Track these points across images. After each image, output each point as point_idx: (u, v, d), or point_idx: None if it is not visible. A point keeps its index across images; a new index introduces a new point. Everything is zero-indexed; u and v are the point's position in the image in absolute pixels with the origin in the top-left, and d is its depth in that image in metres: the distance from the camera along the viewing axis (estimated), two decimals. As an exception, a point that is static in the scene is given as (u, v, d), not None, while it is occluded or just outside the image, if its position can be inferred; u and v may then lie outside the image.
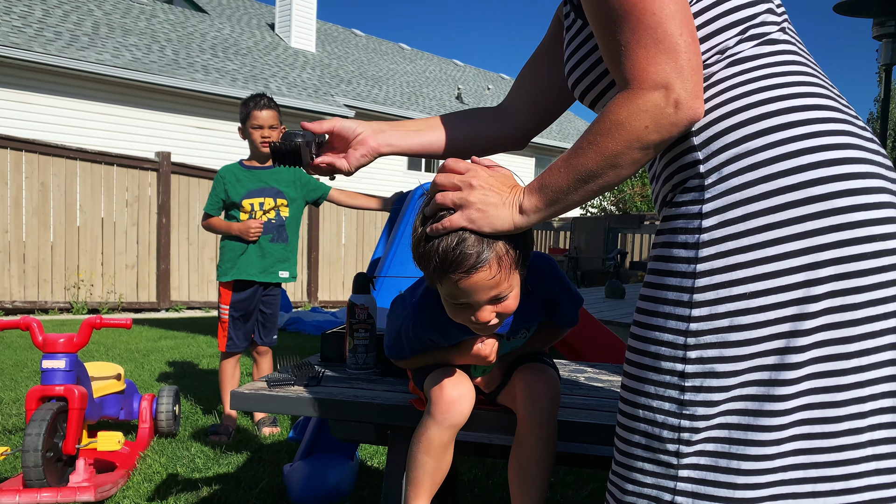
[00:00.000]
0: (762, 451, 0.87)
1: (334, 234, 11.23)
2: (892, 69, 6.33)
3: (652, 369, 0.93)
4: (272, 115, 3.38)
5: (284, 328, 7.38)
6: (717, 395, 0.88)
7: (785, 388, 0.86)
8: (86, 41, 11.42)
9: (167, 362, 5.29)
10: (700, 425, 0.89)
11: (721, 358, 0.88)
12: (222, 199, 3.42)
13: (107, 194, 8.98)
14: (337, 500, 2.52)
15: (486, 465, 2.97)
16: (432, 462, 1.33)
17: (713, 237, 0.88)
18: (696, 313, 0.89)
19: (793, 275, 0.85)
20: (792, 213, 0.85)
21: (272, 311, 3.55)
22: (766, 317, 0.86)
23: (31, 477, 2.33)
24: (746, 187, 0.87)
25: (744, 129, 0.89)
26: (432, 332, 1.29)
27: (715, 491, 0.89)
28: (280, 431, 3.47)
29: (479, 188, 1.02)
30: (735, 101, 0.91)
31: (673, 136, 0.89)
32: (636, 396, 0.96)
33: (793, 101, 0.89)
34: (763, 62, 0.93)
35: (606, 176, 0.92)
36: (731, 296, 0.87)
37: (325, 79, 15.30)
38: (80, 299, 8.69)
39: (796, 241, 0.85)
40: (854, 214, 0.85)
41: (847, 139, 0.88)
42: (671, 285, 0.92)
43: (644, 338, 0.95)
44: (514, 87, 1.36)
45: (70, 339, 2.60)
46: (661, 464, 0.93)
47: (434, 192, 1.06)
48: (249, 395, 1.58)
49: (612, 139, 0.89)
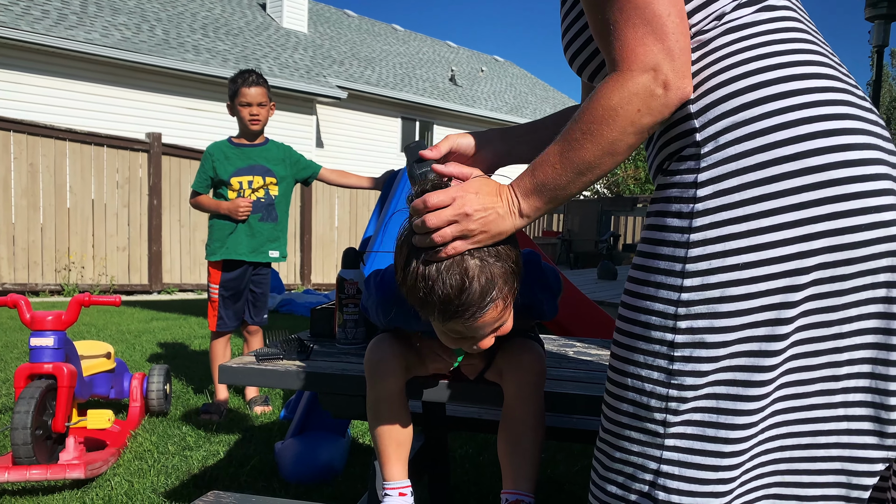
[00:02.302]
0: (749, 419, 0.88)
1: (327, 217, 11.19)
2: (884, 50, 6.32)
3: (642, 338, 0.93)
4: (260, 92, 3.35)
5: (277, 310, 7.37)
6: (706, 365, 0.88)
7: (772, 358, 0.87)
8: (74, 20, 11.28)
9: (158, 343, 5.28)
10: (688, 395, 0.89)
11: (711, 328, 0.87)
12: (210, 176, 3.39)
13: (97, 176, 8.92)
14: (328, 477, 2.52)
15: (478, 442, 2.98)
16: (384, 426, 1.35)
17: (707, 207, 0.87)
18: (688, 283, 0.88)
19: (785, 247, 0.85)
20: (786, 184, 0.84)
21: (262, 290, 3.54)
22: (758, 288, 0.86)
23: (20, 455, 2.32)
24: (742, 157, 0.86)
25: (740, 98, 0.88)
26: (396, 322, 1.33)
27: (701, 459, 0.90)
28: (272, 410, 3.47)
29: (474, 213, 0.99)
30: (732, 69, 0.89)
31: (665, 117, 0.90)
32: (625, 365, 0.95)
33: (791, 70, 0.88)
34: (761, 29, 0.91)
35: (604, 164, 0.92)
36: (722, 266, 0.86)
37: (317, 59, 15.18)
38: (70, 282, 8.65)
39: (790, 212, 0.84)
40: (848, 186, 0.84)
41: (844, 109, 0.87)
42: (664, 255, 0.91)
43: (635, 307, 0.95)
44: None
45: (58, 317, 2.58)
46: (649, 432, 0.93)
47: (423, 231, 1.01)
48: (238, 369, 1.57)
49: (607, 127, 0.89)
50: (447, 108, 16.81)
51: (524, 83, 23.02)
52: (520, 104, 20.38)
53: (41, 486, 2.44)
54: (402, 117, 16.34)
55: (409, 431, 1.38)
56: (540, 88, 23.37)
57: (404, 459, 1.39)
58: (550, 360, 1.69)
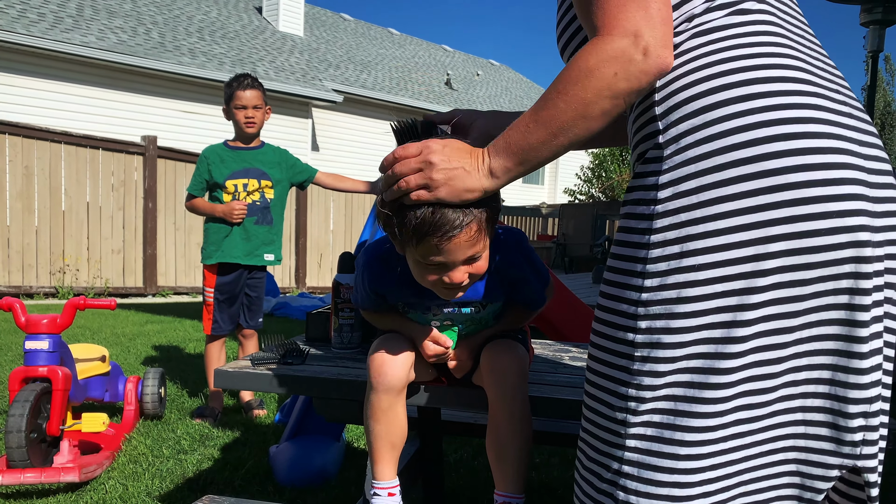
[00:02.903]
0: (705, 422, 0.88)
1: (322, 220, 11.18)
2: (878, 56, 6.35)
3: (609, 338, 0.95)
4: (256, 94, 3.35)
5: (272, 313, 7.36)
6: (663, 365, 0.89)
7: (729, 361, 0.86)
8: (70, 23, 11.26)
9: (153, 346, 5.27)
10: (647, 395, 0.90)
11: (667, 329, 0.88)
12: (206, 179, 3.39)
13: (92, 178, 8.89)
14: (323, 481, 2.52)
15: (473, 446, 2.99)
16: (380, 427, 1.36)
17: (667, 209, 0.88)
18: (648, 283, 0.89)
19: (740, 249, 0.84)
20: (742, 186, 0.84)
21: (257, 293, 3.53)
22: (714, 289, 0.86)
23: (14, 458, 2.32)
24: (702, 159, 0.86)
25: (702, 101, 0.87)
26: (380, 285, 1.34)
27: (658, 461, 0.90)
28: (266, 414, 3.47)
29: (439, 163, 1.00)
30: (697, 73, 0.89)
31: (643, 86, 0.88)
32: (596, 364, 0.97)
33: (755, 73, 0.87)
34: (730, 33, 0.90)
35: (576, 128, 0.90)
36: (679, 267, 0.87)
37: (313, 63, 15.19)
38: (65, 284, 8.62)
39: (745, 215, 0.84)
40: (807, 190, 0.83)
41: (810, 112, 0.86)
42: (627, 256, 0.93)
43: (604, 307, 0.96)
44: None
45: (53, 321, 2.58)
46: (612, 432, 0.94)
47: (391, 181, 1.05)
48: (233, 374, 1.57)
49: (581, 87, 0.87)
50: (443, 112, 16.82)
51: (520, 87, 23.06)
52: (515, 108, 20.41)
53: (35, 490, 2.43)
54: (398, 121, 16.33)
55: (405, 433, 1.40)
56: (535, 93, 23.41)
57: (396, 460, 1.40)
58: (545, 364, 1.70)
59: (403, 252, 1.17)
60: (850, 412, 0.88)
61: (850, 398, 0.88)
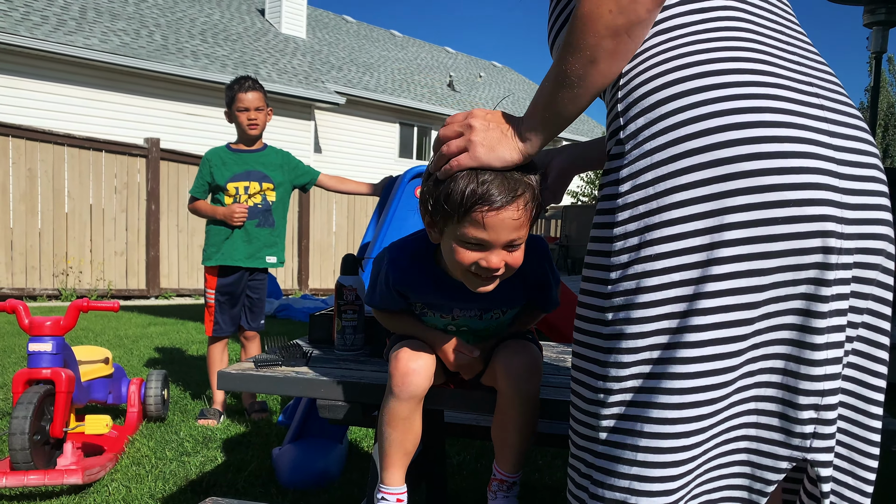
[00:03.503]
0: (665, 413, 0.87)
1: (325, 222, 11.19)
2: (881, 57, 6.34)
3: (584, 332, 0.97)
4: (257, 96, 3.36)
5: (274, 315, 7.37)
6: (627, 356, 0.90)
7: (688, 350, 0.86)
8: (73, 25, 11.29)
9: (156, 348, 5.28)
10: (613, 387, 0.92)
11: (628, 319, 0.89)
12: (208, 181, 3.40)
13: (95, 181, 8.91)
14: (325, 483, 2.52)
15: (475, 448, 2.98)
16: (397, 434, 1.36)
17: (626, 202, 0.90)
18: (613, 276, 0.91)
19: (696, 237, 0.85)
20: (694, 176, 0.85)
21: (259, 295, 3.54)
22: (671, 278, 0.86)
23: (17, 460, 2.32)
24: (657, 151, 0.88)
25: (657, 94, 0.89)
26: (404, 282, 1.33)
27: (620, 452, 0.91)
28: (269, 416, 3.47)
29: (479, 128, 1.04)
30: (654, 69, 0.91)
31: (640, 17, 0.88)
32: (576, 360, 1.00)
33: (711, 66, 0.88)
34: (691, 29, 0.91)
35: (590, 76, 0.91)
36: (638, 258, 0.88)
37: (315, 65, 15.21)
38: (68, 286, 8.64)
39: (696, 204, 0.85)
40: (764, 178, 0.83)
41: (766, 102, 0.86)
42: (598, 251, 0.95)
43: (582, 303, 0.99)
44: None
45: (57, 323, 2.58)
46: (588, 426, 0.96)
47: (439, 145, 1.09)
48: (236, 375, 1.57)
49: (583, 34, 0.89)
50: (445, 114, 16.83)
51: (522, 89, 23.06)
52: (518, 110, 20.36)
53: (38, 492, 2.43)
54: (401, 123, 16.37)
55: (418, 441, 1.39)
56: (538, 94, 23.40)
57: (405, 467, 1.40)
58: (548, 366, 1.70)
59: (440, 236, 1.16)
60: (800, 403, 0.88)
61: (801, 389, 0.87)
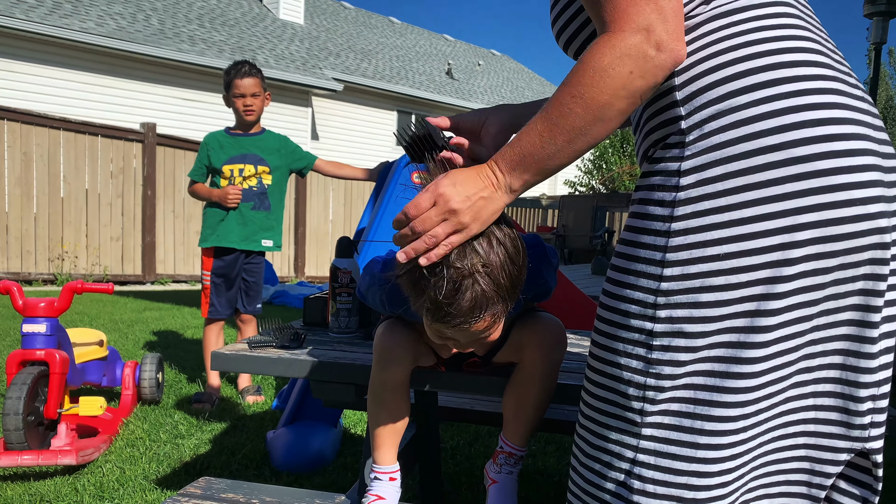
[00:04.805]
0: (726, 412, 0.87)
1: (321, 209, 11.17)
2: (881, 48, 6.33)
3: (622, 327, 0.92)
4: (254, 82, 3.35)
5: (270, 301, 7.37)
6: (685, 355, 0.87)
7: (755, 350, 0.85)
8: (69, 8, 11.21)
9: (151, 332, 5.27)
10: (665, 384, 0.89)
11: (690, 318, 0.86)
12: (206, 165, 3.42)
13: (91, 165, 8.87)
14: (319, 466, 2.53)
15: (469, 433, 2.99)
16: (384, 412, 1.36)
17: (690, 196, 0.86)
18: (668, 273, 0.87)
19: (768, 237, 0.83)
20: (770, 174, 0.83)
21: (255, 279, 3.54)
22: (739, 279, 0.84)
23: (11, 440, 2.32)
24: (727, 146, 0.84)
25: (727, 86, 0.86)
26: (398, 308, 1.30)
27: (676, 450, 0.89)
28: (264, 400, 3.47)
29: (461, 206, 0.95)
30: (719, 56, 0.87)
31: (658, 81, 0.86)
32: (605, 353, 0.95)
33: (779, 57, 0.86)
34: (749, 14, 0.89)
35: (594, 131, 0.88)
36: (704, 256, 0.85)
37: (313, 51, 15.13)
38: (64, 271, 8.62)
39: (773, 203, 0.83)
40: (833, 178, 0.82)
41: (834, 98, 0.85)
42: (645, 243, 0.90)
43: (616, 295, 0.94)
44: None
45: (51, 304, 2.57)
46: (626, 421, 0.92)
47: (411, 239, 0.97)
48: (230, 356, 1.57)
49: (597, 90, 0.85)
50: (443, 102, 16.77)
51: (521, 77, 22.99)
52: (516, 98, 20.35)
53: (32, 472, 2.44)
54: (398, 110, 16.30)
55: (407, 419, 1.40)
56: (537, 83, 23.35)
57: (396, 445, 1.40)
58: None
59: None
60: (860, 396, 0.89)
61: (861, 382, 0.88)
